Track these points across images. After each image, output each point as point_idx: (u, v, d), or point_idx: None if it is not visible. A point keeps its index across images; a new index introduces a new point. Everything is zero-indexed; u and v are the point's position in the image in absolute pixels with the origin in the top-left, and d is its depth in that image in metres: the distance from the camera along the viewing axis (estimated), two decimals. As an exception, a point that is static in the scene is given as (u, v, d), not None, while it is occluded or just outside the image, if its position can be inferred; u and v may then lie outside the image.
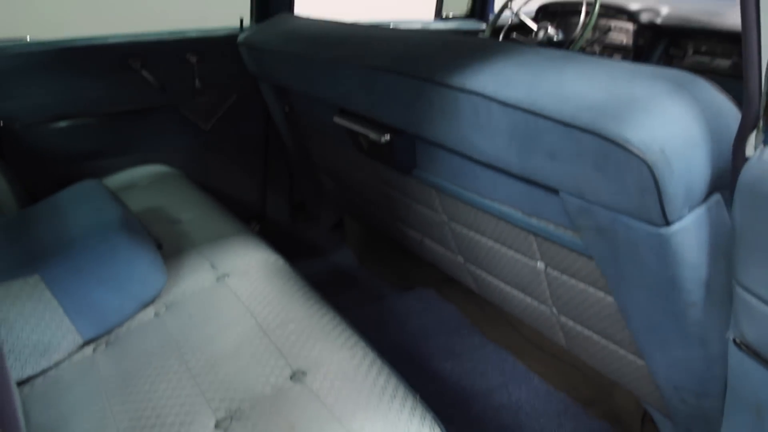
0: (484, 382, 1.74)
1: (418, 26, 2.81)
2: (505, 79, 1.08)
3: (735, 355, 0.84)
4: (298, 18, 2.08)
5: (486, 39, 2.14)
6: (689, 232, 0.90)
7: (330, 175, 2.31)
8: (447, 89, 1.18)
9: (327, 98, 1.70)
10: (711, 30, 2.15)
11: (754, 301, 0.75)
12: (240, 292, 1.35)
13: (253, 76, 2.16)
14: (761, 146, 0.75)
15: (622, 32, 2.42)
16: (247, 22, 2.35)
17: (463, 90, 1.14)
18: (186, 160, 2.35)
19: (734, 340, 0.81)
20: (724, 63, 2.12)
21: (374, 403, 1.00)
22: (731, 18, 2.13)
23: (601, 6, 2.33)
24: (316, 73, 1.68)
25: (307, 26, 1.89)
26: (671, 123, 0.85)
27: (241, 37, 2.07)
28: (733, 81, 2.09)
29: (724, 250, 0.92)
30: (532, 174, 1.09)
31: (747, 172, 0.76)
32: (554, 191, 1.09)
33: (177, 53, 2.21)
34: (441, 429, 0.99)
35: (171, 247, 1.56)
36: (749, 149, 0.78)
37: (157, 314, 1.35)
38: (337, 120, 1.66)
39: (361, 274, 2.39)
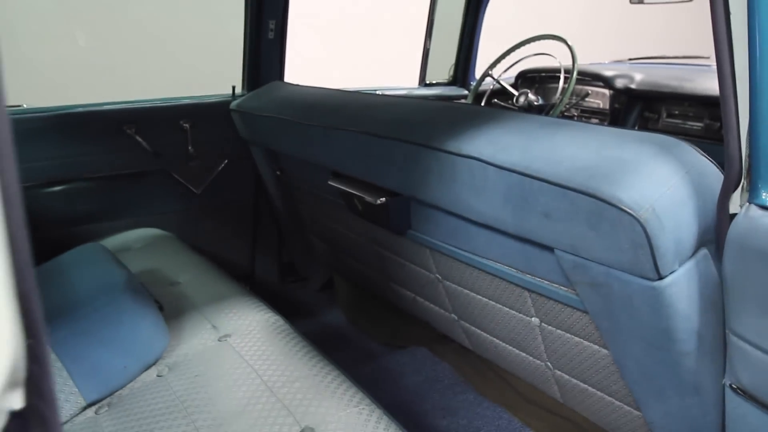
0: (481, 438, 1.76)
1: (403, 92, 2.92)
2: (500, 144, 1.15)
3: (732, 400, 0.88)
4: (290, 85, 2.16)
5: (478, 106, 2.23)
6: (680, 285, 0.96)
7: (320, 236, 2.35)
8: (444, 154, 1.25)
9: (321, 162, 1.76)
10: (682, 95, 2.27)
11: (747, 347, 0.81)
12: (243, 352, 1.37)
13: (244, 140, 2.22)
14: (746, 204, 0.81)
15: (598, 97, 2.55)
16: (238, 89, 2.43)
17: (460, 154, 1.21)
18: (177, 223, 2.38)
19: (731, 386, 0.86)
20: (696, 125, 2.23)
21: (384, 457, 1.03)
22: (701, 83, 2.25)
23: (578, 73, 2.46)
24: (311, 138, 1.74)
25: (301, 93, 1.97)
26: (660, 183, 0.92)
27: (234, 104, 2.15)
28: (706, 142, 2.21)
29: (713, 301, 0.97)
30: (527, 233, 1.15)
31: (735, 228, 0.82)
32: (549, 249, 1.15)
33: (170, 119, 2.27)
34: None
35: (171, 309, 1.58)
36: (733, 207, 0.84)
37: (159, 375, 1.36)
38: (332, 183, 1.71)
39: (352, 333, 2.41)
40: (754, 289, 0.78)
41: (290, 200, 2.34)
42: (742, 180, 0.83)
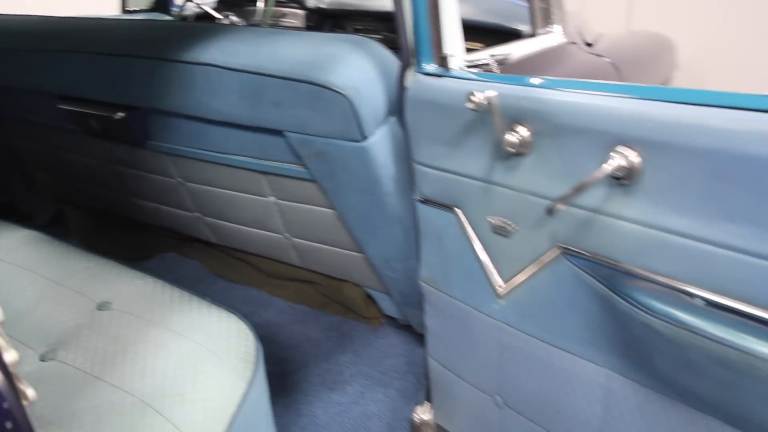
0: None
1: None
2: (231, 51, 1.41)
3: (421, 209, 1.28)
4: None
5: (204, 23, 2.36)
6: (379, 143, 1.35)
7: (46, 168, 2.36)
8: (182, 64, 1.47)
9: (46, 89, 1.80)
10: (364, 11, 2.71)
11: (425, 169, 1.21)
12: (17, 262, 1.45)
13: None
14: (414, 75, 1.20)
15: (294, 17, 2.86)
16: None
17: (196, 63, 1.44)
18: None
19: (418, 200, 1.27)
20: (376, 37, 2.69)
21: (178, 307, 1.27)
22: (378, 2, 2.71)
23: (274, -4, 2.74)
24: (30, 65, 1.77)
25: (8, 21, 1.95)
26: (358, 69, 1.28)
27: None
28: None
29: (401, 153, 1.38)
30: (260, 122, 1.45)
31: (409, 92, 1.20)
32: (279, 133, 1.46)
33: None
34: (238, 316, 1.30)
35: None
36: (407, 82, 1.23)
37: (-73, 301, 1.39)
38: (63, 106, 1.78)
39: None
40: (424, 129, 1.17)
41: (4, 137, 2.29)
42: (411, 60, 1.21)
